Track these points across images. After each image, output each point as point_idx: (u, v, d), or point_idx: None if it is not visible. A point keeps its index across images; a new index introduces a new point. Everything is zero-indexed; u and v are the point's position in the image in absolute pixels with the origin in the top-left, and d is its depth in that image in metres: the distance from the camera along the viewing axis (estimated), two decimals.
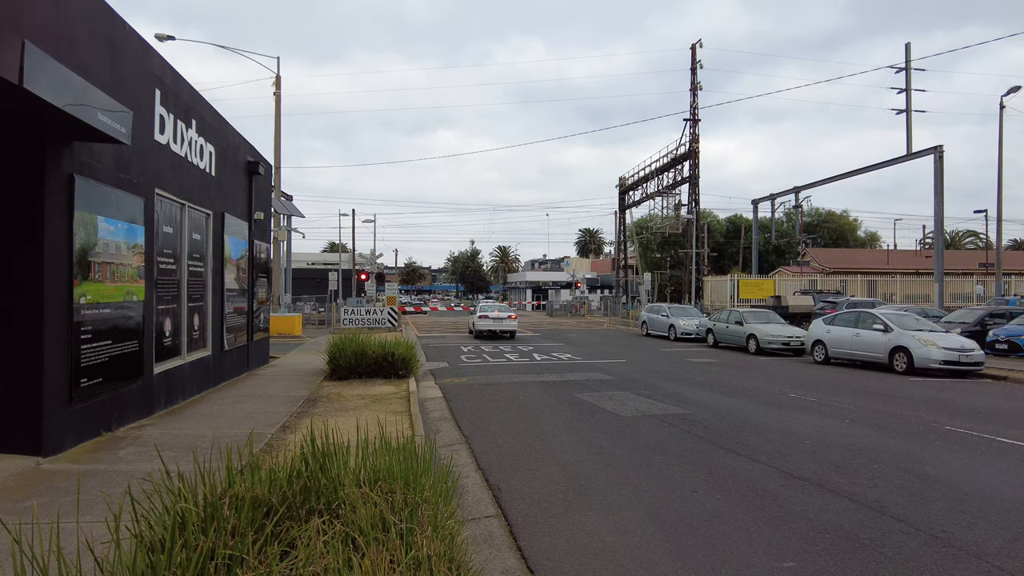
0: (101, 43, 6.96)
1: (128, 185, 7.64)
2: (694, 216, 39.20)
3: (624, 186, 48.40)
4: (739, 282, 37.88)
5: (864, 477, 6.32)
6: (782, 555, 4.42)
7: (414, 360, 13.22)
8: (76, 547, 2.90)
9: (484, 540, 4.53)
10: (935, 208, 28.00)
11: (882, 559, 4.35)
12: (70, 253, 6.42)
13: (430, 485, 3.75)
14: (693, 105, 39.02)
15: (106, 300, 7.13)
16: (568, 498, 5.64)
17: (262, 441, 7.06)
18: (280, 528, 3.15)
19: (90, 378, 6.83)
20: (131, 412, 7.84)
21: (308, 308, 36.58)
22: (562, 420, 9.23)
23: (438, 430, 8.43)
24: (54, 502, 4.84)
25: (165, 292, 8.93)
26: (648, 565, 4.25)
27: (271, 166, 16.80)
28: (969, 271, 45.94)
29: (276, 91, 26.79)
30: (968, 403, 11.09)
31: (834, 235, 67.37)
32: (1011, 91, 26.91)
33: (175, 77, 9.09)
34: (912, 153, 29.60)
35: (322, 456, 3.90)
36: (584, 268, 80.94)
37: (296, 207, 29.55)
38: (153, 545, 2.89)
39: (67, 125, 5.92)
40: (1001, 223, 28.93)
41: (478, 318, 26.01)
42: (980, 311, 21.99)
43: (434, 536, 3.10)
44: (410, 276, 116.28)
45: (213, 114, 10.98)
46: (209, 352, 10.79)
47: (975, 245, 71.46)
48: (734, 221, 64.25)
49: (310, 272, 54.25)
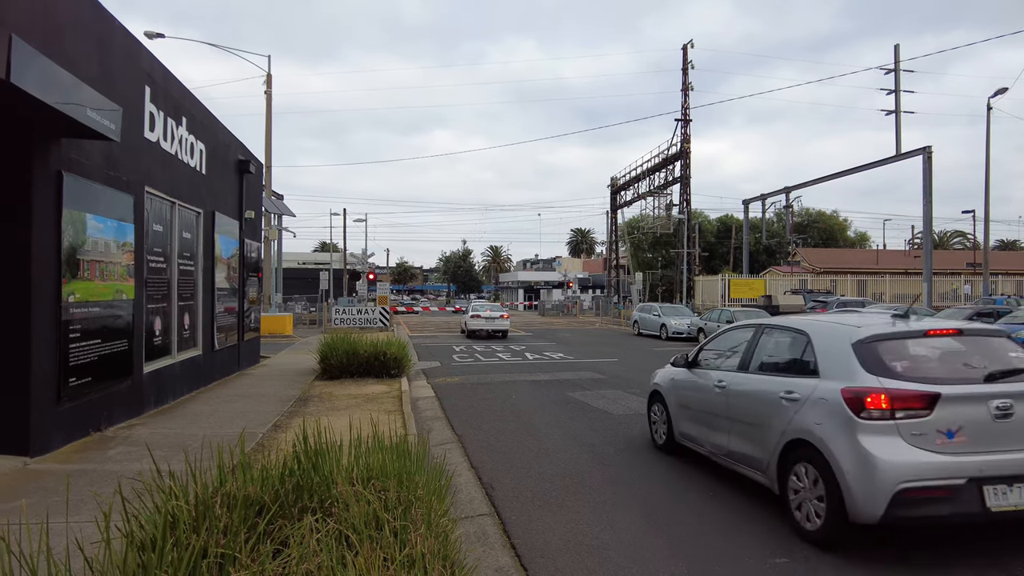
0: (90, 39, 6.89)
1: (118, 183, 7.57)
2: (685, 216, 39.36)
3: (616, 186, 48.51)
4: (730, 282, 38.04)
5: None
6: (775, 551, 4.44)
7: (406, 359, 13.19)
8: (65, 547, 2.87)
9: (478, 538, 4.52)
10: (924, 208, 28.24)
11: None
12: (58, 251, 6.35)
13: (423, 483, 3.74)
14: (684, 105, 39.18)
15: (95, 299, 7.06)
16: (561, 496, 5.64)
17: (254, 440, 7.02)
18: (273, 526, 3.13)
19: (79, 377, 6.77)
20: (121, 412, 7.77)
21: (299, 308, 36.42)
22: (554, 419, 9.23)
23: (431, 429, 8.41)
24: (42, 502, 4.79)
25: (155, 291, 8.86)
26: (642, 562, 4.26)
27: (262, 165, 16.72)
28: (957, 271, 46.37)
29: (267, 90, 26.66)
30: None
31: (824, 235, 67.77)
32: (998, 92, 27.20)
33: (165, 74, 9.02)
34: (901, 154, 29.84)
35: (314, 454, 3.88)
36: (576, 268, 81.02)
37: (287, 206, 29.45)
38: (144, 544, 2.86)
39: (55, 121, 5.86)
40: (988, 223, 29.26)
41: (470, 317, 26.00)
42: (968, 310, 22.19)
43: (428, 534, 3.09)
44: (401, 276, 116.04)
45: (204, 112, 10.90)
46: (199, 351, 10.71)
47: (963, 245, 72.11)
48: (725, 221, 64.53)
49: (301, 272, 54.07)
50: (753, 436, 5.31)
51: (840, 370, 4.65)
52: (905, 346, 4.77)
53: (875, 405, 4.27)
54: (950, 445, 4.17)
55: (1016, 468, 4.12)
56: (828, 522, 4.36)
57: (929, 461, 4.11)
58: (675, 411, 6.89)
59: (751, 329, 6.08)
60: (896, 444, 4.17)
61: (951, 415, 4.20)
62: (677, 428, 6.83)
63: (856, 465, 4.21)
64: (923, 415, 4.20)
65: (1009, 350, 4.82)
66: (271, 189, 26.31)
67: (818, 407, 4.61)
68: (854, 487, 4.18)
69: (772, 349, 5.64)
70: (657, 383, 7.43)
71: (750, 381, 5.59)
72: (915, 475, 4.07)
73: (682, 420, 6.72)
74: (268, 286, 26.35)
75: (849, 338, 4.78)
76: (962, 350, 4.86)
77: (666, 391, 7.14)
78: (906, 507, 4.07)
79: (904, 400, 4.25)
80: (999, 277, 40.79)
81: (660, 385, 7.33)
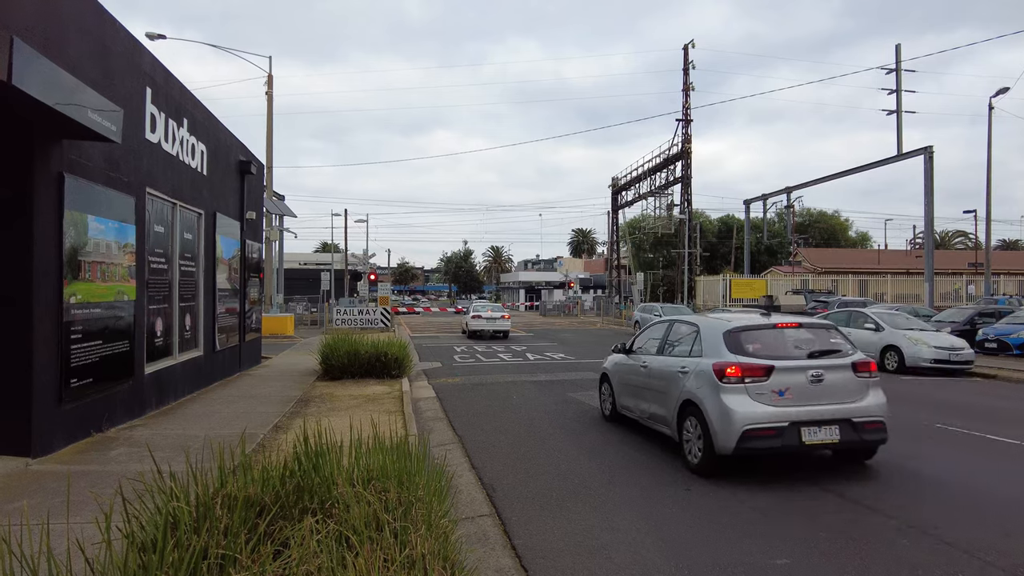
0: (91, 40, 6.90)
1: (119, 184, 7.58)
2: (686, 216, 39.34)
3: (617, 186, 48.49)
4: (731, 282, 38.00)
5: (856, 475, 6.35)
6: (775, 553, 4.44)
7: (407, 360, 13.20)
8: (66, 548, 2.87)
9: (478, 539, 4.52)
10: (925, 208, 28.20)
11: (874, 555, 4.38)
12: (60, 252, 6.36)
13: (424, 484, 3.74)
14: (685, 105, 39.18)
15: (96, 300, 7.07)
16: (562, 497, 5.64)
17: (255, 441, 7.02)
18: (273, 527, 3.13)
19: (80, 378, 6.78)
20: (122, 413, 7.78)
21: (300, 308, 36.43)
22: (556, 419, 9.23)
23: (432, 429, 8.41)
24: (44, 503, 4.79)
25: (156, 292, 8.87)
26: (642, 563, 4.25)
27: (263, 165, 16.74)
28: (959, 271, 46.29)
29: (268, 90, 26.68)
30: (959, 401, 11.17)
31: (825, 235, 67.71)
32: (1000, 92, 27.16)
33: (166, 76, 9.04)
34: (902, 154, 29.80)
35: (315, 455, 3.89)
36: (577, 268, 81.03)
37: (288, 207, 29.47)
38: (145, 545, 2.87)
39: (57, 123, 5.87)
40: (990, 223, 29.22)
41: (471, 318, 26.00)
42: (970, 310, 22.15)
43: (428, 535, 3.09)
44: (403, 276, 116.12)
45: (205, 113, 10.92)
46: (201, 352, 10.73)
47: (964, 245, 72.01)
48: (726, 221, 64.48)
49: (302, 272, 54.04)
50: (663, 401, 7.16)
51: (713, 351, 6.49)
52: (758, 334, 6.60)
53: (732, 374, 6.11)
54: (780, 400, 6.03)
55: (822, 415, 6.03)
56: (705, 456, 6.23)
57: (765, 411, 5.96)
58: (617, 388, 8.67)
59: (666, 323, 7.99)
60: (744, 400, 6.01)
61: (781, 380, 6.07)
62: (618, 401, 8.64)
63: (719, 414, 6.04)
64: (763, 380, 6.05)
65: (831, 337, 6.72)
66: (272, 190, 26.33)
67: (699, 377, 6.44)
68: (718, 429, 6.02)
69: (676, 338, 7.49)
70: (606, 367, 9.23)
71: (661, 361, 7.42)
72: (755, 420, 5.91)
73: (622, 395, 8.50)
74: (269, 287, 26.36)
75: (721, 329, 6.62)
76: (798, 337, 6.67)
77: (611, 373, 8.95)
78: (750, 441, 5.90)
79: (750, 370, 6.09)
80: (1001, 277, 40.72)
81: (608, 369, 9.14)
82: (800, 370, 6.12)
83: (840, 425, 6.03)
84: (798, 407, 5.99)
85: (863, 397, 6.24)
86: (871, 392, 6.32)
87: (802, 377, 6.08)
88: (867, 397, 6.26)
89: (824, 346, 6.55)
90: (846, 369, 6.26)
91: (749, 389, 6.00)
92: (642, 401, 7.76)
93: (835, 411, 6.06)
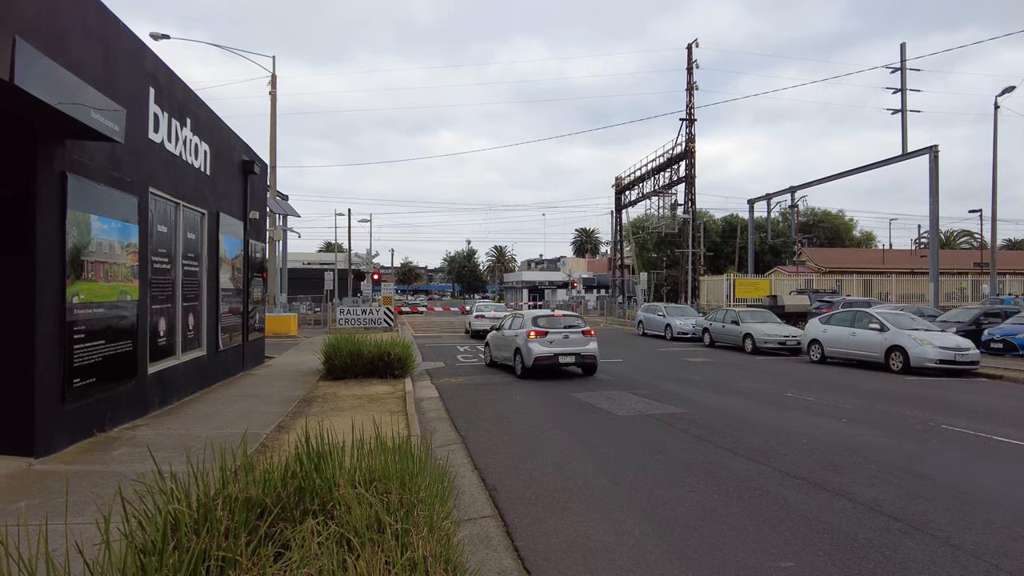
0: (94, 40, 6.90)
1: (122, 184, 7.58)
2: (690, 216, 39.24)
3: (620, 186, 48.41)
4: (735, 282, 37.90)
5: (861, 476, 6.31)
6: (780, 555, 4.40)
7: (410, 360, 13.19)
8: (65, 549, 2.86)
9: (480, 540, 4.50)
10: (930, 208, 28.09)
11: (880, 559, 4.34)
12: (62, 252, 6.36)
13: (426, 485, 3.72)
14: (689, 105, 39.08)
15: (99, 300, 7.07)
16: (565, 498, 5.62)
17: (257, 441, 7.01)
18: (274, 529, 3.12)
19: (83, 378, 6.78)
20: (125, 412, 7.78)
21: (304, 308, 36.47)
22: (558, 420, 9.20)
23: (434, 430, 8.39)
24: (45, 503, 4.79)
25: (159, 292, 8.87)
26: (645, 565, 4.22)
27: (267, 165, 16.73)
28: (964, 271, 46.12)
29: (271, 90, 26.70)
30: (964, 402, 11.10)
31: (830, 235, 67.51)
32: (1005, 91, 26.98)
33: (169, 75, 9.04)
34: (907, 153, 29.69)
35: (317, 456, 3.87)
36: (580, 268, 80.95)
37: (292, 207, 29.48)
38: (145, 547, 2.85)
39: (59, 123, 5.87)
40: (996, 223, 29.06)
41: (474, 318, 26.01)
42: (975, 310, 22.04)
43: (430, 537, 3.06)
44: (406, 276, 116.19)
45: (208, 113, 10.92)
46: (204, 352, 10.73)
47: (970, 245, 71.74)
48: (730, 221, 64.35)
49: (306, 272, 54.02)
50: (509, 351, 14.60)
51: (529, 326, 13.96)
52: (544, 318, 14.47)
53: (532, 335, 13.69)
54: (551, 347, 13.63)
55: (568, 351, 13.69)
56: (522, 369, 13.85)
57: (546, 350, 13.55)
58: (493, 349, 16.04)
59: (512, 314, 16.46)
60: (537, 345, 13.58)
61: (551, 337, 13.73)
62: (489, 355, 16.26)
63: (526, 352, 13.61)
64: (544, 337, 13.68)
65: (575, 319, 14.74)
66: (276, 189, 26.34)
67: (520, 337, 13.97)
68: (525, 358, 13.65)
69: (513, 321, 15.25)
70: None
71: (510, 333, 14.82)
72: (540, 354, 13.50)
73: (493, 351, 15.97)
74: (273, 286, 26.39)
75: (533, 315, 14.54)
76: (563, 318, 14.64)
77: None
78: (538, 362, 13.51)
79: (538, 333, 13.72)
80: (1006, 277, 40.54)
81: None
82: (559, 333, 13.82)
83: (575, 356, 13.69)
84: (558, 348, 13.61)
85: (587, 345, 13.89)
86: (591, 344, 13.94)
87: (560, 335, 13.77)
88: (589, 345, 13.90)
89: (572, 323, 14.34)
90: (579, 332, 14.03)
91: (539, 340, 13.60)
92: (503, 351, 15.06)
93: (573, 350, 13.69)
